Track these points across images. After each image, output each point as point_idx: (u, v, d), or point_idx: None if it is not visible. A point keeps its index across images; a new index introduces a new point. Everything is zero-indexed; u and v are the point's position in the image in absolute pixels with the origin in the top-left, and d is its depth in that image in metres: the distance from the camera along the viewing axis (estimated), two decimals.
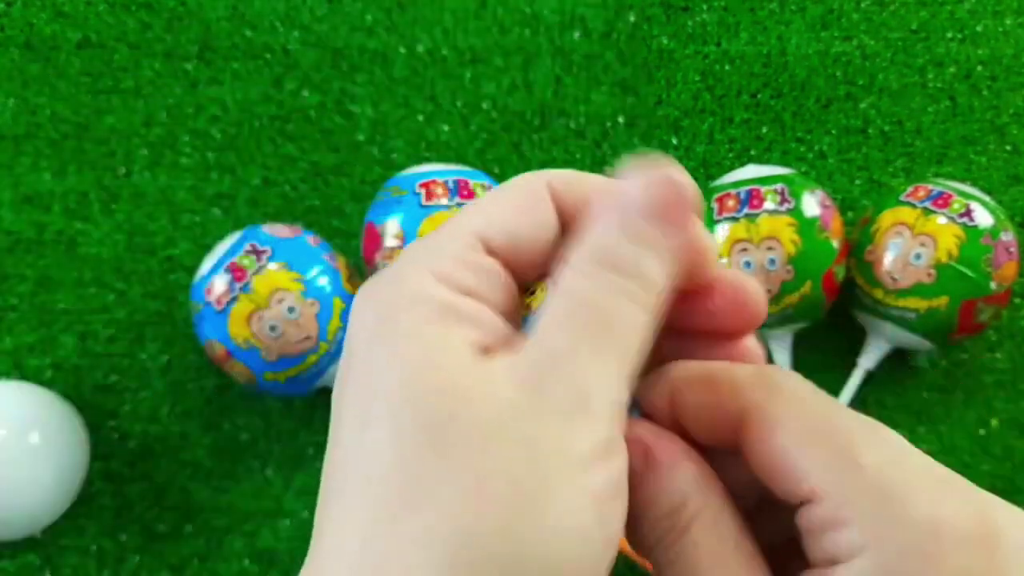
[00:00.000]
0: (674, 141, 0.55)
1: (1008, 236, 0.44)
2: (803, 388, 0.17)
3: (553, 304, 0.17)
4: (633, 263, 0.17)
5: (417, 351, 0.16)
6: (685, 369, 0.19)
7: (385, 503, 0.15)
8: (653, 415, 0.19)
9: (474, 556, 0.14)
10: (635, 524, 0.18)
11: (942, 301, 0.43)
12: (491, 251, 0.18)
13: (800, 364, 0.48)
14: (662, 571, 0.18)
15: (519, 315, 0.19)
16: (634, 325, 0.17)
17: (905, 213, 0.45)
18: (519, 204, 0.18)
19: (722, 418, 0.18)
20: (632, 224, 0.17)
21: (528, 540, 0.14)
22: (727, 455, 0.18)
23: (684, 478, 0.18)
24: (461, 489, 0.15)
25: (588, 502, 0.15)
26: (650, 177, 0.17)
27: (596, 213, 0.17)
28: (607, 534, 0.15)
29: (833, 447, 0.16)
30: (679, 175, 0.17)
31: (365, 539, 0.15)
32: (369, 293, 0.17)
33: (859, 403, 0.49)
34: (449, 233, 0.18)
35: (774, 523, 0.18)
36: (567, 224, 0.19)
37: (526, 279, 0.19)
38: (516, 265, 0.18)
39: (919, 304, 0.44)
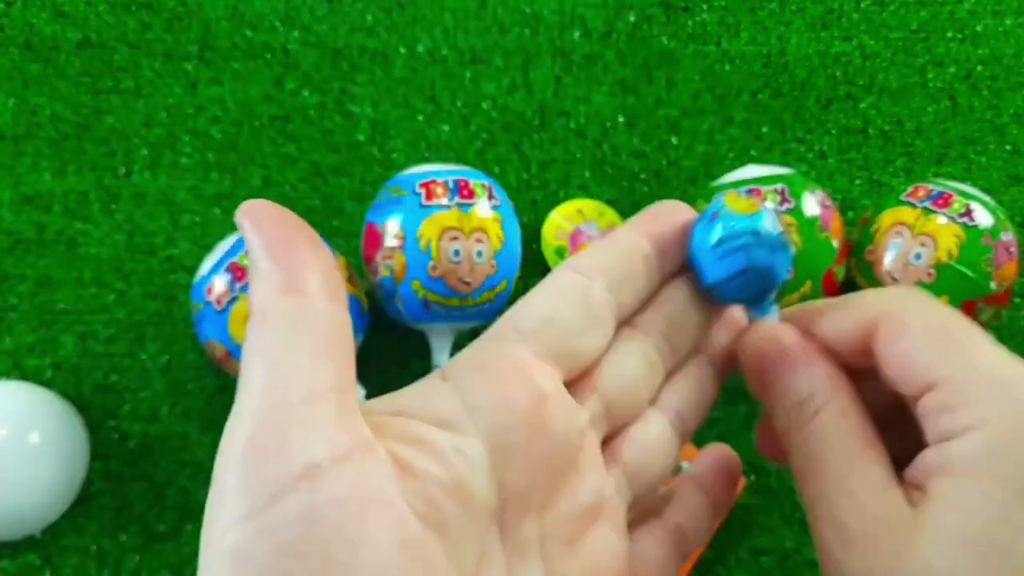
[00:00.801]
0: (674, 141, 0.55)
1: (1008, 236, 0.44)
2: (930, 299, 0.20)
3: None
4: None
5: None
6: (819, 304, 0.21)
7: None
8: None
9: None
10: (772, 413, 0.21)
11: (942, 301, 0.43)
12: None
13: None
14: (792, 458, 0.20)
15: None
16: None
17: (905, 213, 0.45)
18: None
19: (856, 334, 0.20)
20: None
21: None
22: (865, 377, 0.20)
23: (816, 374, 0.20)
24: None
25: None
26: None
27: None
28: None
29: (953, 344, 0.18)
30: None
31: None
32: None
33: None
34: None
35: (893, 436, 0.20)
36: None
37: None
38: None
39: None
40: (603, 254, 0.21)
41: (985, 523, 0.16)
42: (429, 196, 0.44)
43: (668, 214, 0.22)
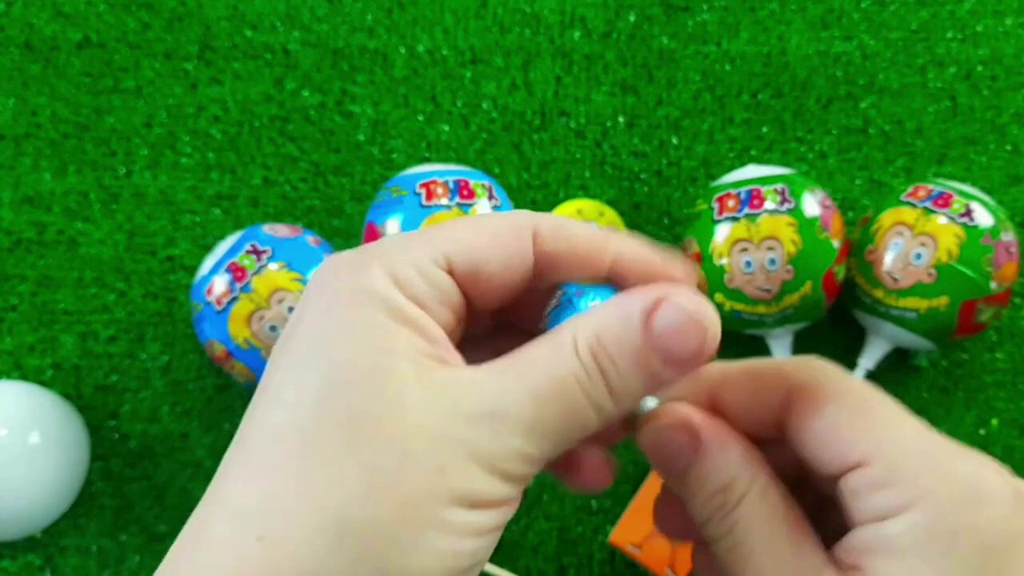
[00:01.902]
0: (674, 141, 0.55)
1: (1008, 236, 0.44)
2: (844, 372, 0.19)
3: (530, 357, 0.18)
4: (620, 380, 0.18)
5: (362, 345, 0.17)
6: (721, 370, 0.20)
7: (291, 473, 0.16)
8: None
9: (352, 549, 0.16)
10: (689, 501, 0.20)
11: (942, 301, 0.43)
12: (452, 271, 0.18)
13: None
14: (715, 544, 0.19)
15: (456, 335, 0.20)
16: (582, 424, 0.18)
17: (905, 213, 0.45)
18: (497, 237, 0.19)
19: (766, 405, 0.19)
20: (642, 344, 0.18)
21: (397, 566, 0.16)
22: (761, 444, 0.20)
23: (733, 458, 0.19)
24: (361, 487, 0.16)
25: (463, 546, 0.17)
26: (692, 315, 0.17)
27: (622, 303, 0.18)
28: (472, 558, 0.17)
29: (877, 420, 0.18)
30: (713, 323, 0.18)
31: (263, 495, 0.16)
32: (331, 271, 0.18)
33: None
34: (421, 241, 0.19)
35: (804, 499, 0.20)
36: (544, 269, 0.19)
37: (483, 305, 0.19)
38: (474, 291, 0.19)
39: (919, 304, 0.44)
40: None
41: None
42: (429, 196, 0.44)
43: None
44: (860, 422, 0.18)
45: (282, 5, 0.57)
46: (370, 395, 0.16)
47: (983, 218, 0.44)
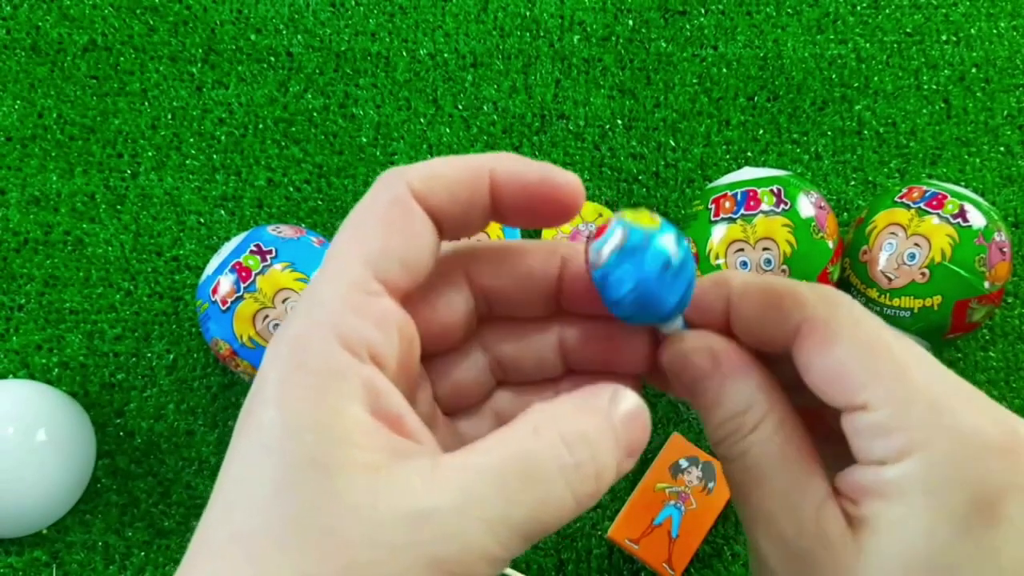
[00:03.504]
0: (672, 143, 0.55)
1: (1001, 236, 0.45)
2: (860, 308, 0.19)
3: (503, 440, 0.16)
4: (602, 464, 0.17)
5: (309, 438, 0.16)
6: (744, 280, 0.20)
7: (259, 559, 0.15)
8: (702, 320, 0.20)
9: None
10: (705, 420, 0.20)
11: (936, 301, 0.44)
12: (384, 282, 0.17)
13: None
14: (727, 464, 0.19)
15: (415, 358, 0.19)
16: (557, 515, 0.16)
17: (899, 214, 0.46)
18: (393, 223, 0.18)
19: (779, 328, 0.19)
20: (617, 432, 0.17)
21: None
22: (776, 360, 0.20)
23: (752, 385, 0.19)
24: None
25: None
26: (641, 406, 0.18)
27: (586, 401, 0.18)
28: None
29: (887, 362, 0.17)
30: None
31: None
32: (278, 344, 0.17)
33: None
34: (343, 274, 0.17)
35: (813, 421, 0.20)
36: (441, 223, 0.18)
37: (413, 283, 0.18)
38: (409, 288, 0.18)
39: (913, 304, 0.45)
40: None
41: (926, 553, 0.16)
42: None
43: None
44: (868, 364, 0.17)
45: (286, 9, 0.58)
46: (318, 503, 0.15)
47: (976, 219, 0.44)
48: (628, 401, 0.18)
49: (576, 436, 0.17)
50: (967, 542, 0.16)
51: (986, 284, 0.44)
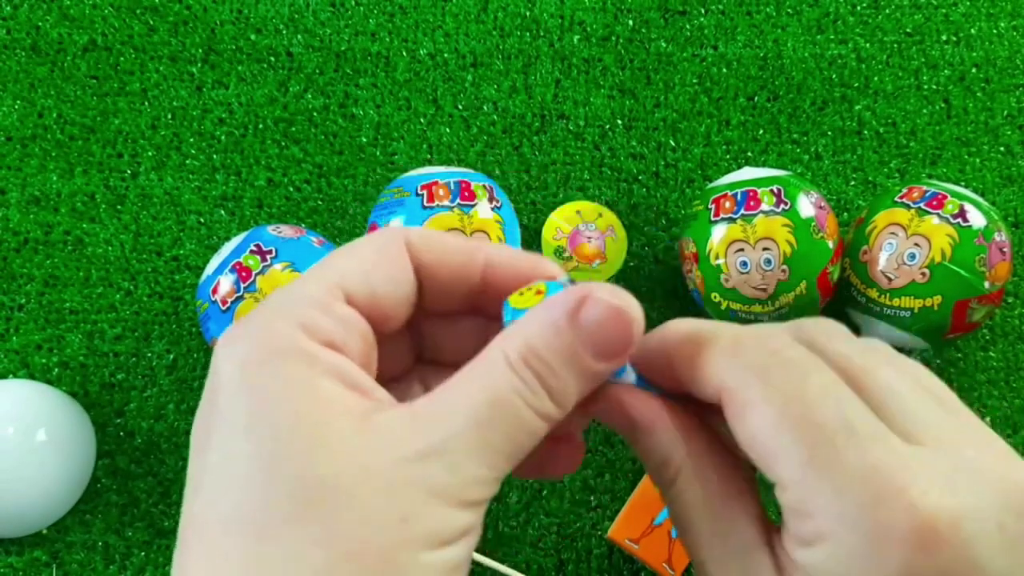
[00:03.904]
0: (672, 143, 0.55)
1: (1001, 236, 0.45)
2: (781, 375, 0.18)
3: (466, 382, 0.18)
4: (558, 382, 0.18)
5: (288, 408, 0.16)
6: (676, 331, 0.20)
7: (251, 562, 0.15)
8: (654, 372, 0.21)
9: None
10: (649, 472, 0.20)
11: (936, 301, 0.44)
12: (350, 301, 0.18)
13: None
14: (669, 510, 0.20)
15: (373, 364, 0.20)
16: (530, 433, 0.18)
17: (899, 214, 0.46)
18: (376, 259, 0.19)
19: (709, 390, 0.19)
20: (572, 343, 0.18)
21: None
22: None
23: (665, 438, 0.20)
24: (325, 560, 0.15)
25: None
26: (613, 307, 0.18)
27: (545, 309, 0.18)
28: None
29: (798, 437, 0.17)
30: (636, 312, 0.18)
31: None
32: (233, 341, 0.18)
33: None
34: (314, 282, 0.18)
35: None
36: (424, 281, 0.20)
37: (382, 329, 0.20)
38: (372, 315, 0.19)
39: (913, 303, 0.45)
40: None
41: None
42: (431, 198, 0.45)
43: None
44: (777, 442, 0.17)
45: (286, 9, 0.58)
46: (312, 461, 0.16)
47: (976, 219, 0.44)
48: (592, 308, 0.18)
49: (528, 358, 0.17)
50: None
51: (986, 284, 0.44)
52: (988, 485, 0.16)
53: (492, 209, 0.46)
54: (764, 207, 0.44)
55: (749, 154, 0.55)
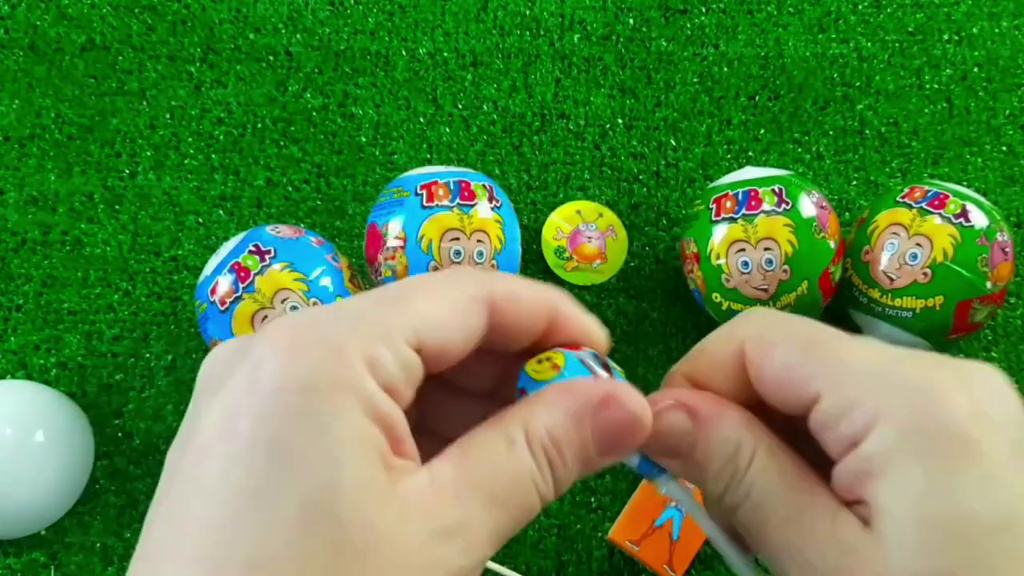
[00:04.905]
0: (672, 143, 0.55)
1: (1003, 236, 0.45)
2: (781, 315, 0.20)
3: (490, 461, 0.18)
4: (565, 472, 0.18)
5: (333, 460, 0.15)
6: (684, 363, 0.21)
7: None
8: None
9: None
10: (701, 479, 0.20)
11: (938, 301, 0.44)
12: (420, 349, 0.18)
13: None
14: (735, 513, 0.20)
15: (413, 408, 0.19)
16: (530, 515, 0.18)
17: (901, 214, 0.45)
18: (460, 311, 0.19)
19: (729, 364, 0.20)
20: (587, 439, 0.18)
21: None
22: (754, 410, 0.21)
23: (735, 423, 0.20)
24: None
25: None
26: (635, 416, 0.18)
27: (571, 399, 0.18)
28: None
29: (821, 351, 0.19)
30: (649, 420, 0.19)
31: None
32: (290, 346, 0.16)
33: None
34: (393, 317, 0.17)
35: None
36: (490, 335, 0.20)
37: (432, 371, 0.19)
38: (432, 361, 0.18)
39: (915, 304, 0.44)
40: None
41: (934, 505, 0.16)
42: (431, 198, 0.45)
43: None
44: (808, 359, 0.19)
45: (285, 8, 0.57)
46: (343, 526, 0.15)
47: (978, 219, 0.44)
48: (615, 412, 0.18)
49: (547, 446, 0.18)
50: (961, 483, 0.16)
51: (988, 284, 0.44)
52: (979, 368, 0.18)
53: (492, 209, 0.46)
54: (765, 207, 0.44)
55: (750, 153, 0.55)
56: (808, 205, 0.45)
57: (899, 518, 0.17)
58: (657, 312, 0.51)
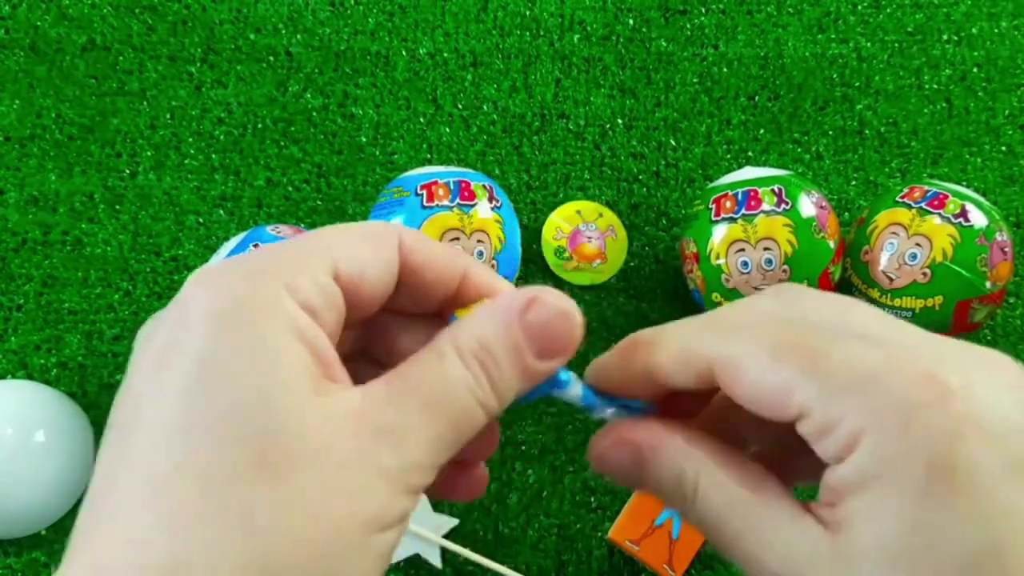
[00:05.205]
0: (672, 143, 0.55)
1: (1003, 236, 0.45)
2: (764, 327, 0.18)
3: (420, 369, 0.18)
4: (502, 377, 0.18)
5: (257, 366, 0.16)
6: (650, 337, 0.20)
7: (194, 520, 0.15)
8: (634, 382, 0.21)
9: None
10: (663, 502, 0.20)
11: (937, 301, 0.44)
12: (338, 278, 0.18)
13: None
14: (703, 530, 0.20)
15: (337, 344, 0.20)
16: (472, 425, 0.18)
17: (901, 214, 0.46)
18: (368, 245, 0.19)
19: (699, 374, 0.19)
20: (519, 341, 0.19)
21: None
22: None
23: (673, 454, 0.20)
24: (275, 526, 0.15)
25: (375, 563, 0.17)
26: (560, 310, 0.19)
27: (496, 307, 0.19)
28: None
29: (798, 358, 0.17)
30: (579, 317, 0.19)
31: (162, 549, 0.15)
32: (211, 280, 0.17)
33: None
34: (308, 250, 0.18)
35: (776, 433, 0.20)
36: (405, 279, 0.20)
37: (352, 315, 0.20)
38: (350, 298, 0.19)
39: (915, 304, 0.44)
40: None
41: (901, 536, 0.16)
42: (431, 198, 0.45)
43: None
44: (781, 373, 0.17)
45: (285, 8, 0.57)
46: (274, 426, 0.16)
47: (978, 219, 0.44)
48: (541, 310, 0.19)
49: (477, 352, 0.18)
50: (937, 513, 0.16)
51: (988, 284, 0.44)
52: (982, 359, 0.17)
53: (492, 209, 0.46)
54: (765, 207, 0.44)
55: (750, 154, 0.55)
56: (808, 205, 0.45)
57: (866, 546, 0.16)
58: (657, 312, 0.51)
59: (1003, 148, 0.55)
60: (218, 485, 0.15)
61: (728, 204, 0.45)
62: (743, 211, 0.45)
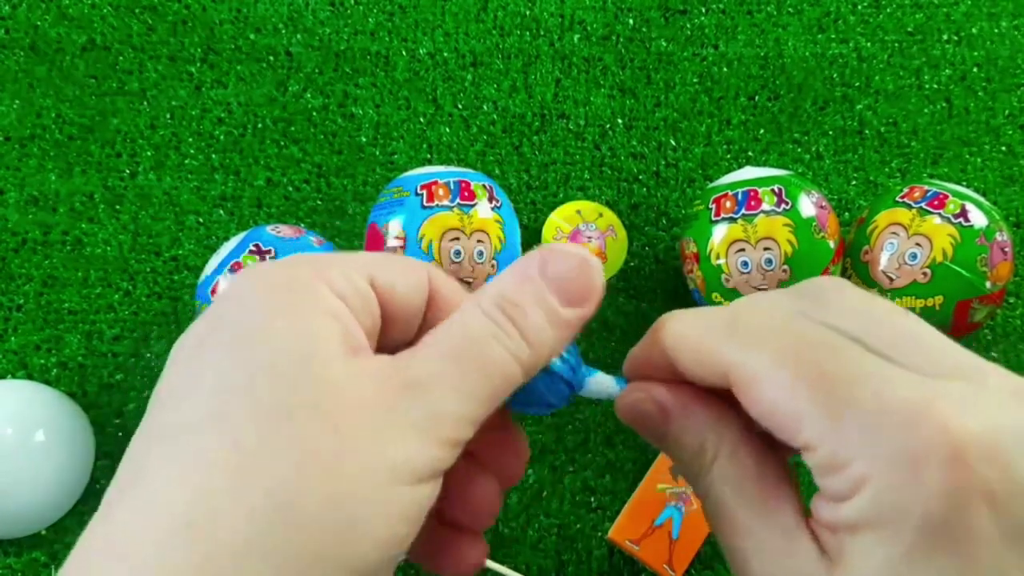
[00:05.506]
0: (672, 143, 0.55)
1: (1003, 236, 0.45)
2: (786, 341, 0.18)
3: (445, 327, 0.19)
4: (530, 324, 0.19)
5: (298, 332, 0.17)
6: (674, 335, 0.20)
7: (223, 459, 0.16)
8: (653, 373, 0.21)
9: (287, 533, 0.16)
10: (675, 464, 0.20)
11: (937, 301, 0.44)
12: (373, 284, 0.19)
13: None
14: (703, 503, 0.20)
15: (375, 344, 0.20)
16: (504, 377, 0.19)
17: (901, 214, 0.46)
18: (405, 268, 0.20)
19: (717, 377, 0.19)
20: (542, 290, 0.19)
21: (336, 553, 0.16)
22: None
23: (700, 422, 0.20)
24: (299, 469, 0.16)
25: (402, 519, 0.17)
26: (578, 257, 0.19)
27: (515, 266, 0.20)
28: (404, 542, 0.17)
29: (813, 392, 0.17)
30: (598, 261, 0.20)
31: (193, 486, 0.16)
32: (251, 274, 0.19)
33: None
34: (344, 256, 0.20)
35: None
36: (428, 314, 0.21)
37: (390, 334, 0.20)
38: (385, 307, 0.20)
39: (915, 304, 0.44)
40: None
41: None
42: (431, 197, 0.45)
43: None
44: (794, 402, 0.17)
45: (285, 8, 0.57)
46: (301, 379, 0.17)
47: (978, 218, 0.44)
48: (558, 259, 0.19)
49: (501, 304, 0.19)
50: (929, 570, 0.15)
51: (988, 284, 0.44)
52: (1018, 405, 0.16)
53: (492, 209, 0.46)
54: (765, 207, 0.44)
55: (750, 153, 0.55)
56: (808, 205, 0.45)
57: None
58: (657, 312, 0.51)
59: (1003, 148, 0.55)
60: (244, 435, 0.16)
61: (728, 204, 0.45)
62: (743, 211, 0.45)
